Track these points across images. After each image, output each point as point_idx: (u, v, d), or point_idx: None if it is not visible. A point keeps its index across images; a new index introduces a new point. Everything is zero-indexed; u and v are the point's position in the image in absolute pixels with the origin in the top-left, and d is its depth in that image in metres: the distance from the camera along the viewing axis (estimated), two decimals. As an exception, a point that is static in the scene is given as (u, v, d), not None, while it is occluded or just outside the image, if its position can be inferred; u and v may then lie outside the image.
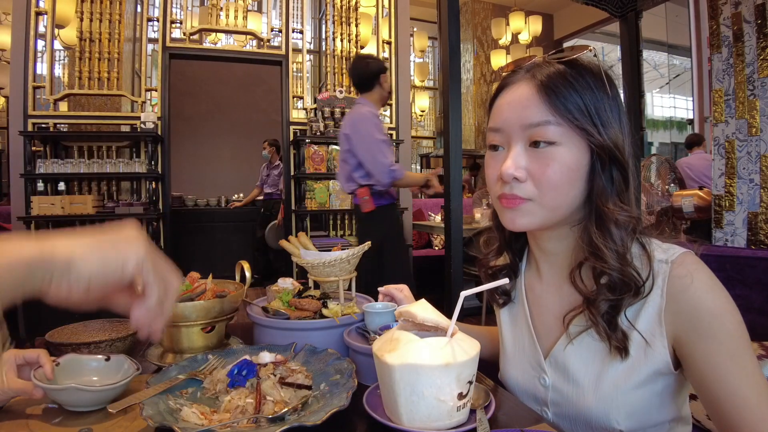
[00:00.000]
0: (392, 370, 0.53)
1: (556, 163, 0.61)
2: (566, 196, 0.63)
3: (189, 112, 6.67)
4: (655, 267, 0.61)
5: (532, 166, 0.62)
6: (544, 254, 0.73)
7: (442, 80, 1.85)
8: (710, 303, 0.59)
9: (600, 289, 0.62)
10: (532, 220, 0.64)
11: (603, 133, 0.61)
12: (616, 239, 0.62)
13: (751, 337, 0.60)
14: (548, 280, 0.73)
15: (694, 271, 0.60)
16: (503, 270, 0.79)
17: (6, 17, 5.05)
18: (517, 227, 0.66)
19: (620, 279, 0.61)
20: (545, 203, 0.63)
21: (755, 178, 1.69)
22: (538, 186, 0.62)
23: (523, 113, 0.63)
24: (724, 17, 1.77)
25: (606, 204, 0.62)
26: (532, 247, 0.76)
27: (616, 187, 0.63)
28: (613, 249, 0.61)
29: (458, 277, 1.70)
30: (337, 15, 3.95)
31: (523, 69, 0.67)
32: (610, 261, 0.61)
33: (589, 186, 0.63)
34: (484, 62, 6.92)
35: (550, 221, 0.65)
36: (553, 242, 0.70)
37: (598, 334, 0.63)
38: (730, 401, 0.56)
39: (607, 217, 0.62)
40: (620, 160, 0.62)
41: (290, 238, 1.08)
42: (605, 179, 0.63)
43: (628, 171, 0.63)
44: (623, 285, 0.61)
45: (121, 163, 3.29)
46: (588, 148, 0.62)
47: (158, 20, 3.58)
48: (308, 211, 3.59)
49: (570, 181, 0.62)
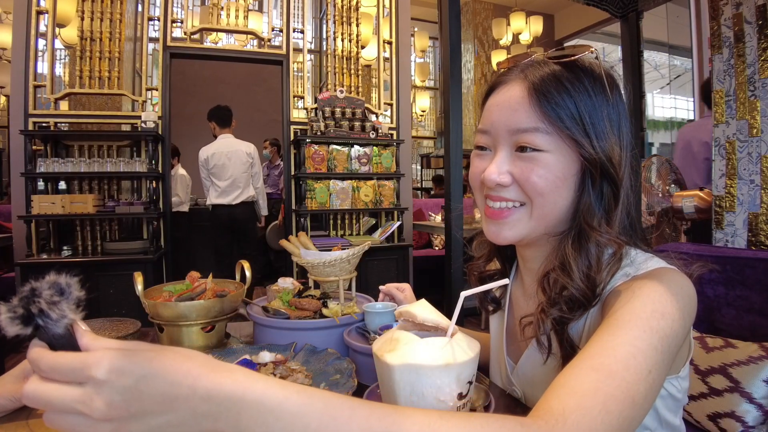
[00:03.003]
0: (392, 370, 0.53)
1: (541, 168, 0.58)
2: (554, 204, 0.59)
3: (190, 112, 6.67)
4: (612, 281, 0.58)
5: (516, 170, 0.59)
6: (526, 265, 0.71)
7: (443, 80, 1.85)
8: (635, 287, 0.53)
9: (557, 300, 0.59)
10: (518, 231, 0.62)
11: (596, 146, 0.57)
12: (590, 259, 0.58)
13: (751, 339, 0.58)
14: (529, 291, 0.71)
15: (648, 275, 0.55)
16: (493, 276, 0.77)
17: (7, 16, 5.05)
18: (501, 240, 0.63)
19: (580, 297, 0.57)
20: (533, 209, 0.60)
21: (756, 178, 1.69)
22: (524, 190, 0.59)
23: (511, 117, 0.59)
24: (725, 18, 1.77)
25: (590, 222, 0.58)
26: (518, 256, 0.73)
27: (605, 204, 0.59)
28: (582, 269, 0.58)
29: (458, 277, 1.71)
30: (337, 15, 3.95)
31: (517, 68, 0.63)
32: (576, 279, 0.58)
33: (578, 199, 0.59)
34: (485, 62, 6.91)
35: (535, 232, 0.62)
36: (534, 252, 0.68)
37: (538, 343, 0.60)
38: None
39: (588, 237, 0.58)
40: (612, 176, 0.58)
41: (290, 237, 1.08)
42: (594, 195, 0.59)
43: (620, 188, 0.59)
44: (580, 304, 0.58)
45: (122, 162, 3.29)
46: (578, 159, 0.58)
47: (159, 19, 3.57)
48: (308, 211, 3.59)
49: (557, 188, 0.58)
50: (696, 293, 0.56)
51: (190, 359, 0.34)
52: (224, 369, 0.35)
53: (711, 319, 1.31)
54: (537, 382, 0.65)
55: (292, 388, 0.35)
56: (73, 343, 0.34)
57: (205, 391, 0.33)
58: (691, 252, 0.60)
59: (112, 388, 0.31)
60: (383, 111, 4.11)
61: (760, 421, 1.08)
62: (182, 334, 0.88)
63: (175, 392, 0.32)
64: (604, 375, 0.44)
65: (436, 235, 4.78)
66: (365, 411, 0.36)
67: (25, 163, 3.14)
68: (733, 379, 1.12)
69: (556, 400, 0.42)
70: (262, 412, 0.33)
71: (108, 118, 3.46)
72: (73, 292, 0.34)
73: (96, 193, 3.37)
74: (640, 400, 0.44)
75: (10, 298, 0.32)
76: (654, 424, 0.60)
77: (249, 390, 0.34)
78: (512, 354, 0.72)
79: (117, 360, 0.32)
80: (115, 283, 3.02)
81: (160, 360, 0.33)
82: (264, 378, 0.35)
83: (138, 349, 0.33)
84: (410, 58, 4.79)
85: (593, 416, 0.41)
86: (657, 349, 0.48)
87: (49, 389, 0.32)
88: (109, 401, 0.31)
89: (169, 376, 0.32)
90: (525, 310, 0.70)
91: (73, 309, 0.34)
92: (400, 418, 0.37)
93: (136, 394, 0.32)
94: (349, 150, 3.77)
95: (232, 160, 3.94)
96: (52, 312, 0.32)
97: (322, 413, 0.35)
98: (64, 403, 0.32)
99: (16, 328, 0.32)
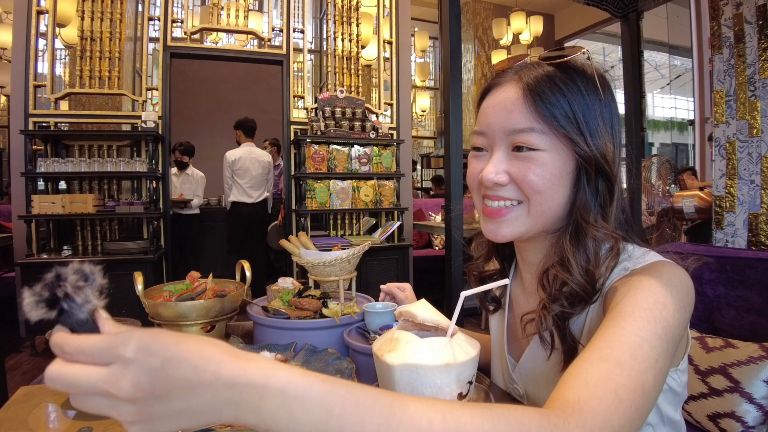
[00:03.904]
0: (392, 370, 0.53)
1: (537, 167, 0.59)
2: (551, 202, 0.60)
3: (190, 112, 6.68)
4: (612, 275, 0.59)
5: (513, 169, 0.60)
6: (525, 263, 0.71)
7: (443, 80, 1.85)
8: (635, 280, 0.54)
9: (558, 296, 0.60)
10: (516, 228, 0.62)
11: (590, 143, 0.59)
12: (589, 254, 0.59)
13: (751, 339, 0.58)
14: (529, 289, 0.71)
15: (647, 268, 0.56)
16: (493, 276, 0.77)
17: (7, 16, 5.05)
18: (500, 238, 0.64)
19: (580, 292, 0.58)
20: (531, 207, 0.61)
21: (756, 179, 1.69)
22: (521, 189, 0.60)
23: (507, 118, 0.60)
24: (725, 18, 1.77)
25: (586, 217, 0.60)
26: (516, 254, 0.74)
27: (600, 200, 0.61)
28: (581, 264, 0.59)
29: (458, 277, 1.71)
30: (338, 15, 3.95)
31: (511, 70, 0.65)
32: (575, 274, 0.59)
33: (574, 196, 0.61)
34: (485, 62, 6.92)
35: (533, 230, 0.63)
36: (533, 249, 0.69)
37: (541, 339, 0.61)
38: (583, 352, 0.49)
39: (585, 232, 0.60)
40: (607, 172, 0.60)
41: (291, 237, 1.08)
42: (589, 191, 0.60)
43: (614, 184, 0.61)
44: (581, 298, 0.59)
45: (122, 162, 3.29)
46: (573, 157, 0.60)
47: (159, 19, 3.57)
48: (308, 211, 3.60)
49: (553, 186, 0.60)
50: (693, 286, 0.57)
51: (215, 346, 0.34)
52: (248, 357, 0.35)
53: (711, 320, 1.31)
54: (539, 378, 0.65)
55: (316, 376, 0.35)
56: (95, 329, 0.34)
57: (229, 378, 0.33)
58: (691, 252, 0.60)
59: (140, 368, 0.31)
60: (383, 111, 4.11)
61: (760, 422, 1.08)
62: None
63: (199, 377, 0.32)
64: (613, 365, 0.44)
65: (436, 235, 4.78)
66: (387, 398, 0.36)
67: (26, 163, 3.14)
68: (733, 379, 1.12)
69: (569, 390, 0.43)
70: (286, 399, 0.33)
71: (108, 117, 3.46)
72: (97, 279, 0.35)
73: (96, 193, 3.37)
74: (649, 389, 0.45)
75: (33, 285, 0.33)
76: (655, 419, 0.60)
77: (273, 377, 0.34)
78: (513, 352, 0.72)
79: (144, 340, 0.32)
80: (115, 282, 2.97)
81: (186, 344, 0.33)
82: (286, 366, 0.35)
83: (163, 332, 0.34)
84: (410, 58, 4.79)
85: (607, 404, 0.41)
86: (661, 338, 0.48)
87: (74, 369, 0.32)
88: (135, 381, 0.31)
89: (194, 361, 0.32)
90: (525, 308, 0.70)
91: (97, 295, 0.34)
92: (421, 406, 0.37)
93: (161, 375, 0.32)
94: (350, 150, 3.77)
95: (255, 165, 4.48)
96: (77, 296, 0.33)
97: (345, 399, 0.35)
98: (89, 382, 0.32)
99: (41, 311, 0.32)
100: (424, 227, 4.41)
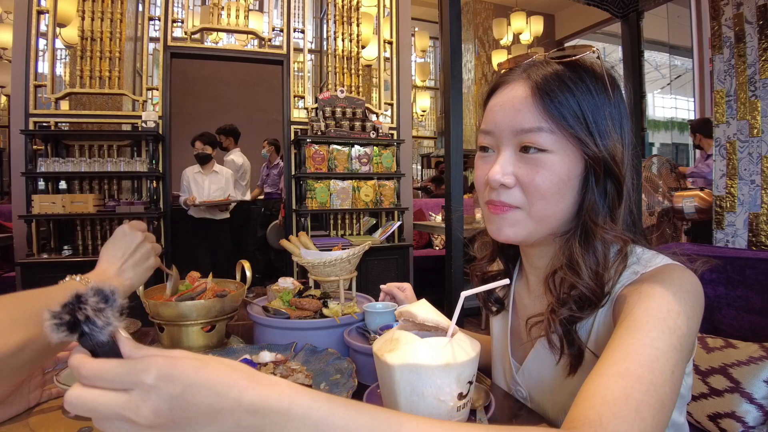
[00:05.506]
0: (392, 370, 0.53)
1: (545, 170, 0.58)
2: (555, 206, 0.59)
3: (190, 111, 6.67)
4: (621, 279, 0.58)
5: (520, 171, 0.59)
6: (532, 267, 0.71)
7: (443, 80, 1.85)
8: (647, 287, 0.53)
9: (566, 299, 0.59)
10: (518, 231, 0.61)
11: (599, 144, 0.57)
12: (598, 256, 0.58)
13: (751, 339, 0.58)
14: (535, 291, 0.71)
15: (657, 273, 0.56)
16: (497, 276, 0.76)
17: (7, 16, 5.05)
18: (503, 238, 0.63)
19: (589, 295, 0.58)
20: (533, 213, 0.60)
21: (756, 179, 1.69)
22: (526, 193, 0.59)
23: (515, 117, 0.59)
24: (725, 18, 1.77)
25: (595, 219, 0.59)
26: (522, 256, 0.73)
27: (609, 202, 0.60)
28: (590, 266, 0.58)
29: (458, 277, 1.71)
30: (338, 15, 3.95)
31: (519, 68, 0.63)
32: (584, 277, 0.58)
33: (581, 198, 0.60)
34: (486, 62, 6.92)
35: (537, 234, 0.62)
36: (539, 251, 0.68)
37: (549, 343, 0.60)
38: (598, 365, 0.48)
39: (594, 234, 0.59)
40: (616, 174, 0.58)
41: (291, 237, 1.08)
42: (598, 193, 0.59)
43: (623, 185, 0.59)
44: (590, 302, 0.58)
45: (122, 162, 3.29)
46: (582, 158, 0.58)
47: (160, 19, 3.57)
48: (309, 211, 3.59)
49: (560, 191, 0.58)
50: (703, 290, 0.57)
51: (236, 370, 0.34)
52: (269, 381, 0.34)
53: (711, 320, 1.31)
54: (544, 381, 0.65)
55: (339, 401, 0.35)
56: (115, 351, 0.34)
57: (251, 404, 0.32)
58: (691, 252, 0.60)
59: (160, 395, 0.31)
60: (384, 111, 4.11)
61: (760, 422, 1.08)
62: (182, 334, 0.88)
63: (220, 404, 0.32)
64: (632, 380, 0.44)
65: (436, 235, 4.78)
66: (412, 423, 0.36)
67: (26, 163, 3.14)
68: (733, 379, 1.12)
69: (590, 410, 0.42)
70: (308, 425, 0.33)
71: (108, 117, 3.46)
72: (117, 300, 0.34)
73: (96, 193, 3.37)
74: (667, 402, 0.44)
75: (54, 309, 0.33)
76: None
77: (295, 403, 0.33)
78: (516, 354, 0.72)
79: (165, 367, 0.32)
80: (115, 282, 3.02)
81: (206, 370, 0.32)
82: (310, 391, 0.35)
83: (183, 357, 0.33)
84: (411, 58, 4.78)
85: (629, 423, 0.41)
86: (676, 348, 0.48)
87: (94, 395, 0.32)
88: (155, 408, 0.31)
89: (215, 387, 0.32)
90: (530, 311, 0.69)
91: (117, 316, 0.34)
92: (448, 431, 0.37)
93: (182, 402, 0.31)
94: (350, 150, 3.77)
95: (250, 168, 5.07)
96: (98, 319, 0.32)
97: (369, 426, 0.34)
98: (110, 409, 0.31)
99: (62, 334, 0.32)
100: (424, 227, 4.41)
